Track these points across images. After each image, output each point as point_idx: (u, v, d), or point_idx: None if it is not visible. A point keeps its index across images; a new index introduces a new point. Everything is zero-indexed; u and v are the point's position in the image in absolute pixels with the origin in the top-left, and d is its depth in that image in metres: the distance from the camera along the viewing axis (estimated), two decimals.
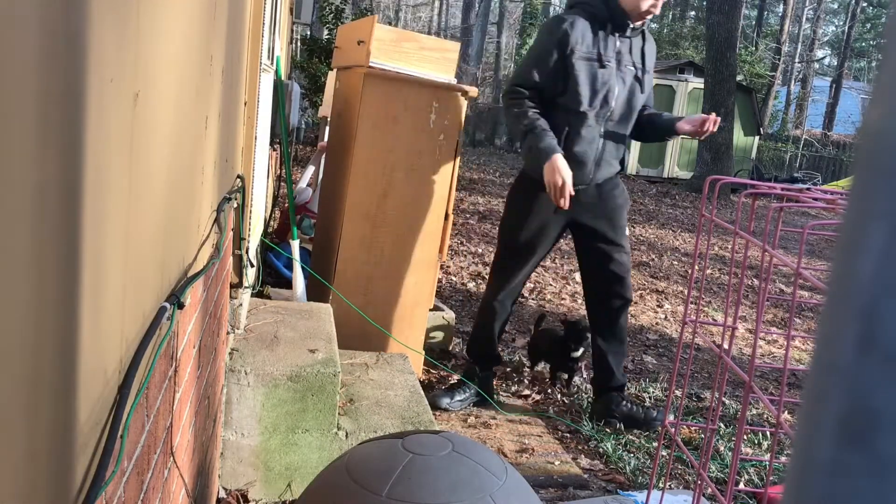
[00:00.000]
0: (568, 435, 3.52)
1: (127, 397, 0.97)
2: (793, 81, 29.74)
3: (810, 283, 1.24)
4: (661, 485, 2.98)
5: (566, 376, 4.04)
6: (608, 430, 3.55)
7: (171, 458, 1.45)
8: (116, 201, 0.91)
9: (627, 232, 3.59)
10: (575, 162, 3.27)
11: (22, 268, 0.64)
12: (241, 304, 2.73)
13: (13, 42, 0.59)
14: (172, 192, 1.26)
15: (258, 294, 3.39)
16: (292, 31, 8.81)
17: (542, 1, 21.98)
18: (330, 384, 2.64)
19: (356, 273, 3.68)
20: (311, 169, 6.28)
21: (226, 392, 2.54)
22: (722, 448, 3.48)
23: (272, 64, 3.59)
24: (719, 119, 3.32)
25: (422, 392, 3.24)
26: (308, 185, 6.10)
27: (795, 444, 0.31)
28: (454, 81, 3.71)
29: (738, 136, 15.29)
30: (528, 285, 6.18)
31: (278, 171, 6.53)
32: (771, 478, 1.31)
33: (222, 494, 2.56)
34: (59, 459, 0.78)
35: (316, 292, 3.85)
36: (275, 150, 5.42)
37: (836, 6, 36.90)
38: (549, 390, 3.99)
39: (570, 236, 3.70)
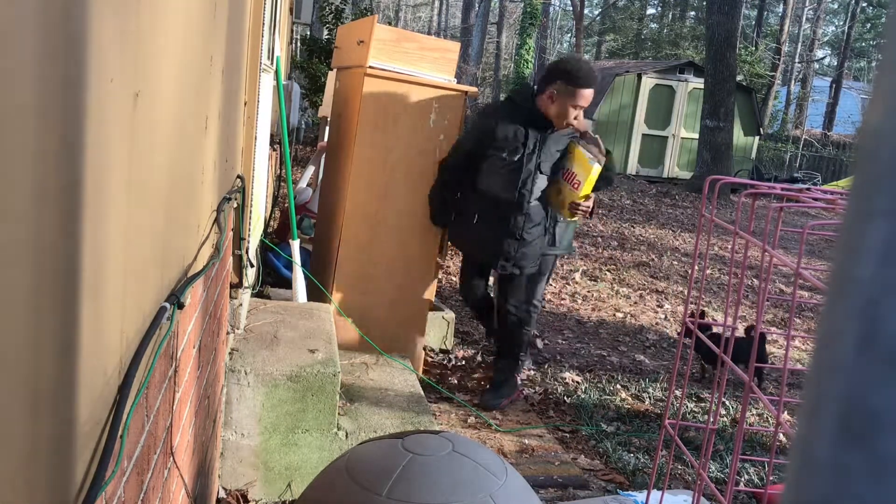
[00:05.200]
0: (568, 435, 3.52)
1: (127, 397, 0.97)
2: (793, 81, 29.72)
3: (810, 283, 1.24)
4: (661, 485, 2.98)
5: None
6: (608, 429, 3.56)
7: (171, 458, 1.45)
8: (116, 201, 0.91)
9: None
10: None
11: (22, 268, 0.64)
12: (241, 304, 2.73)
13: (13, 42, 0.59)
14: (172, 192, 1.26)
15: (258, 294, 3.39)
16: (292, 31, 8.81)
17: (543, 1, 21.96)
18: (330, 384, 2.64)
19: (356, 273, 3.68)
20: (311, 169, 6.28)
21: (226, 392, 2.54)
22: (722, 448, 3.48)
23: (272, 64, 3.59)
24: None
25: (422, 392, 3.24)
26: (308, 185, 6.10)
27: (795, 444, 0.31)
28: (454, 81, 3.71)
29: (738, 136, 15.27)
30: None
31: (278, 171, 6.53)
32: (771, 478, 1.31)
33: (222, 494, 2.56)
34: (59, 459, 0.78)
35: (316, 292, 3.85)
36: (275, 150, 5.42)
37: (836, 6, 36.88)
38: (549, 390, 3.99)
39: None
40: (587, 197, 3.41)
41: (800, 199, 1.63)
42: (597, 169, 3.34)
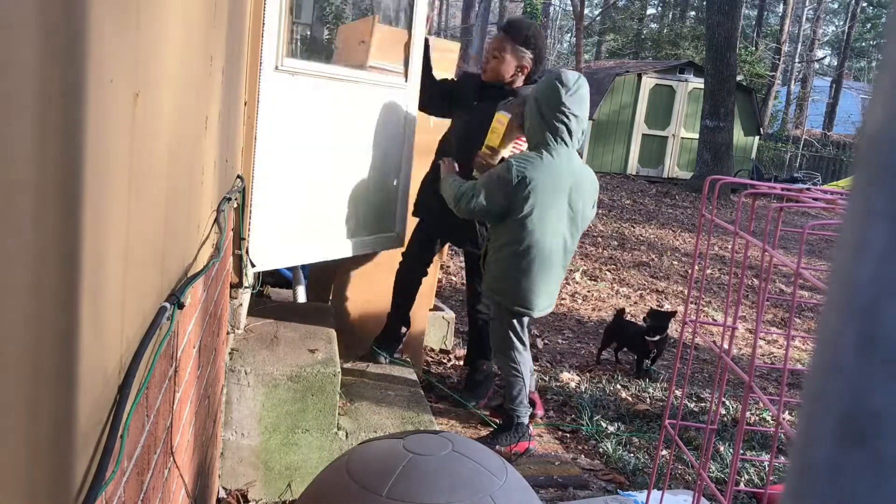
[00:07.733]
0: (568, 435, 3.52)
1: (127, 397, 0.97)
2: (793, 81, 29.70)
3: (810, 283, 1.24)
4: (661, 485, 2.98)
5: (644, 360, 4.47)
6: (608, 429, 3.55)
7: (171, 458, 1.45)
8: (116, 201, 0.91)
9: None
10: None
11: (22, 268, 0.64)
12: (241, 304, 2.73)
13: (14, 42, 0.59)
14: (172, 192, 1.26)
15: (258, 294, 3.39)
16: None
17: (543, 1, 21.98)
18: (330, 384, 2.64)
19: (356, 273, 3.68)
20: None
21: (226, 392, 2.54)
22: (722, 448, 3.48)
23: None
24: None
25: (422, 392, 3.24)
26: None
27: (795, 444, 0.31)
28: None
29: (738, 136, 15.27)
30: None
31: None
32: (771, 478, 1.31)
33: (222, 494, 2.56)
34: (59, 459, 0.78)
35: (316, 292, 3.85)
36: None
37: (836, 6, 36.87)
38: (547, 391, 3.99)
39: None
40: (494, 150, 3.14)
41: (800, 199, 1.63)
42: (502, 116, 3.11)
